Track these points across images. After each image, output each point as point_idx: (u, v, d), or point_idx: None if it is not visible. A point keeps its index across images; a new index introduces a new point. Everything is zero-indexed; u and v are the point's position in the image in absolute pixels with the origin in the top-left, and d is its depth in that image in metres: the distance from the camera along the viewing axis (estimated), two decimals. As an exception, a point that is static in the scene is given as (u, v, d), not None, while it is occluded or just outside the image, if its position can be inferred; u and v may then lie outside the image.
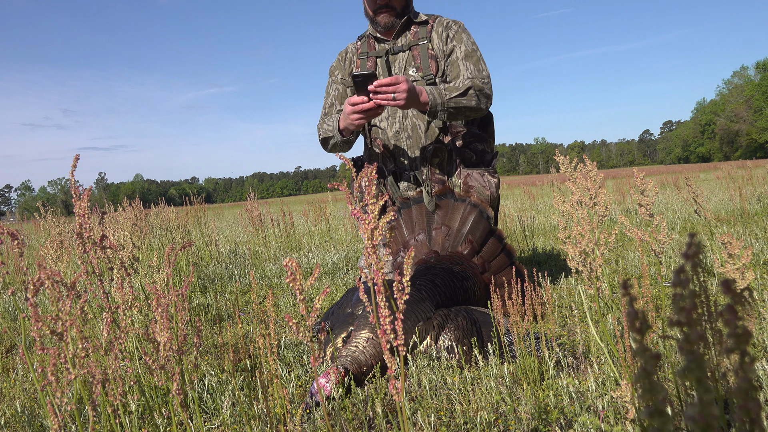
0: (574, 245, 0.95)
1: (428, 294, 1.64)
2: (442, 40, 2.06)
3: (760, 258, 2.33)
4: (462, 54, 2.02)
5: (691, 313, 0.20)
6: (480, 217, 1.96)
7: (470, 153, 2.07)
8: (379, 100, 1.74)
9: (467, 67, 2.01)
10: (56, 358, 0.57)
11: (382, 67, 2.12)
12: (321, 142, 2.16)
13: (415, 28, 2.09)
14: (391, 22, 2.05)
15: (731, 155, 72.83)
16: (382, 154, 2.16)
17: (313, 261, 3.52)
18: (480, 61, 2.03)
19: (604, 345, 1.24)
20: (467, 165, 2.08)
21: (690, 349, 0.19)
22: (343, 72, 2.21)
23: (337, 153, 1.55)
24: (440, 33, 2.07)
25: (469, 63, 2.01)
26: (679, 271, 0.21)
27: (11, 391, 1.60)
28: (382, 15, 2.04)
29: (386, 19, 2.04)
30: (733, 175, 6.59)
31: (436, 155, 2.07)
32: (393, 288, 0.55)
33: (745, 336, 0.19)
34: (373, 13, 2.06)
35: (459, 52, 2.03)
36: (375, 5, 2.04)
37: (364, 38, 2.19)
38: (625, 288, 0.21)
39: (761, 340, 1.34)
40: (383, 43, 2.13)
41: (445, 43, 2.05)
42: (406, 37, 2.11)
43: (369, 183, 0.54)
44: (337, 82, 2.23)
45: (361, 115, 1.79)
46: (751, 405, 0.18)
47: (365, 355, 1.38)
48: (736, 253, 0.87)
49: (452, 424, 1.12)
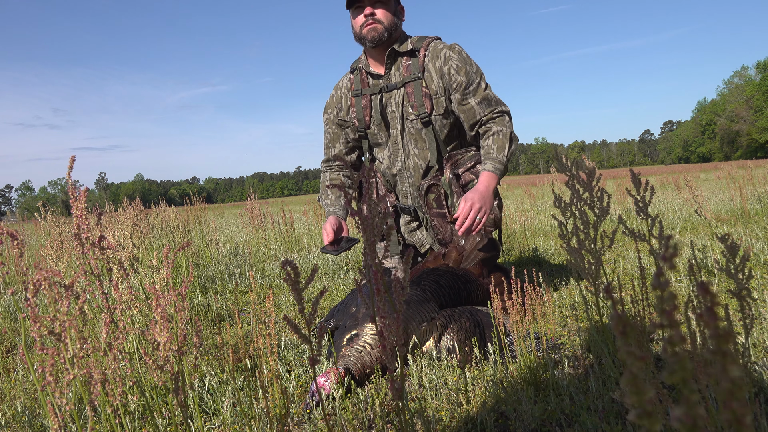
0: (574, 245, 0.95)
1: (432, 294, 1.65)
2: (443, 76, 1.99)
3: (761, 258, 2.32)
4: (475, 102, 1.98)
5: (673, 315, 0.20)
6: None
7: (471, 176, 2.06)
8: (470, 231, 1.82)
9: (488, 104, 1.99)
10: (55, 358, 0.57)
11: (375, 107, 2.07)
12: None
13: (406, 61, 2.02)
14: (378, 35, 1.98)
15: (732, 155, 72.82)
16: (384, 189, 2.18)
17: (313, 261, 3.52)
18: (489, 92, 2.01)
19: (604, 345, 1.24)
20: (468, 189, 2.07)
21: (673, 351, 0.19)
22: (336, 111, 2.19)
23: None
24: (438, 68, 1.99)
25: (483, 103, 1.99)
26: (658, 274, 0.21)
27: (11, 391, 1.61)
28: (368, 27, 1.97)
29: (373, 32, 1.97)
30: (733, 175, 6.59)
31: (431, 191, 2.07)
32: (392, 288, 0.55)
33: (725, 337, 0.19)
34: (360, 29, 2.00)
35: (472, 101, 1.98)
36: (361, 20, 1.98)
37: (357, 71, 2.13)
38: (608, 292, 0.21)
39: (761, 340, 1.33)
40: (377, 78, 2.08)
41: (448, 79, 1.98)
42: (399, 71, 2.04)
43: (367, 184, 0.54)
44: (331, 122, 2.21)
45: None
46: (735, 405, 0.18)
47: (371, 357, 1.38)
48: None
49: (452, 424, 1.12)
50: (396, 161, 2.11)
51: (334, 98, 2.19)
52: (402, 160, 2.10)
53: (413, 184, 2.11)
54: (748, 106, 70.18)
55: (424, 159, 2.07)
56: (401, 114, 2.04)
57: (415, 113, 2.01)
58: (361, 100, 2.09)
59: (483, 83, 2.00)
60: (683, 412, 0.19)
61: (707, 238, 3.02)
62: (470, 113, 1.99)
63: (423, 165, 2.07)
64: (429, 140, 2.04)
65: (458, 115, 2.03)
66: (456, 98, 1.99)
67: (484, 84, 2.00)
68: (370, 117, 2.09)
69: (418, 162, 2.07)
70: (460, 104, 1.99)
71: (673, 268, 0.21)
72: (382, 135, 2.10)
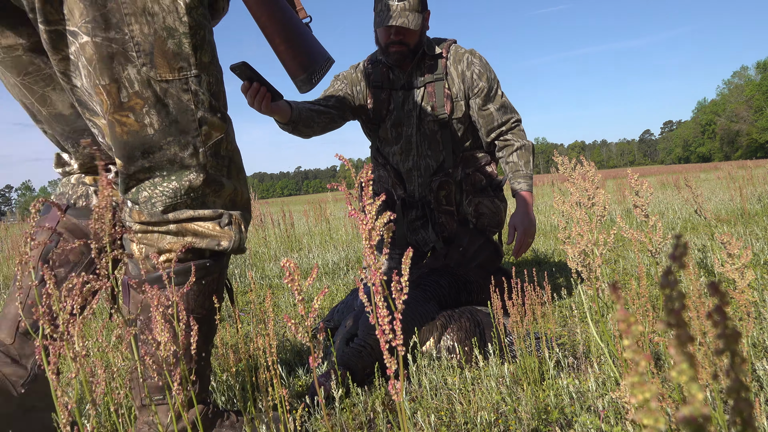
0: (574, 245, 0.95)
1: (432, 294, 1.65)
2: (465, 80, 1.99)
3: (761, 258, 2.33)
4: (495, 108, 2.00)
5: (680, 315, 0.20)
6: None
7: (480, 176, 2.08)
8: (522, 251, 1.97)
9: (505, 112, 2.01)
10: (56, 357, 0.57)
11: (396, 102, 2.04)
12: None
13: (429, 61, 2.00)
14: (403, 57, 1.94)
15: (732, 155, 72.82)
16: (391, 180, 2.15)
17: (313, 261, 3.52)
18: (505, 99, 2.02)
19: (604, 345, 1.24)
20: (477, 189, 2.08)
21: (681, 351, 0.19)
22: (350, 88, 2.07)
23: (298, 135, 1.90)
24: (460, 72, 1.99)
25: (501, 110, 2.00)
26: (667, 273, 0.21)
27: (11, 392, 1.60)
28: (393, 49, 1.92)
29: (397, 55, 1.93)
30: (733, 175, 6.59)
31: (443, 188, 2.06)
32: (392, 288, 0.55)
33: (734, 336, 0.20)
34: (385, 45, 1.94)
35: (492, 107, 1.99)
36: (387, 39, 1.92)
37: (377, 63, 2.07)
38: (614, 289, 0.21)
39: (761, 340, 1.34)
40: (398, 74, 2.04)
41: (470, 84, 1.98)
42: (421, 70, 2.01)
43: (366, 183, 0.54)
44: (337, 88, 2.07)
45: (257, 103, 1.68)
46: (742, 405, 0.19)
47: (371, 357, 1.38)
48: (736, 253, 0.87)
49: (452, 424, 1.12)
50: (408, 159, 2.10)
51: (352, 75, 2.10)
52: (414, 159, 2.08)
53: (423, 183, 2.10)
54: (748, 106, 70.20)
55: (437, 160, 2.06)
56: (418, 114, 2.03)
57: (433, 114, 2.00)
58: (380, 92, 2.05)
59: (500, 90, 2.02)
60: (689, 411, 0.19)
61: (707, 238, 3.02)
62: (489, 119, 2.00)
63: (434, 165, 2.07)
64: (444, 141, 2.04)
65: (476, 120, 2.03)
66: (477, 103, 1.99)
67: (500, 91, 2.02)
68: (387, 111, 2.06)
69: (430, 162, 2.07)
70: (480, 109, 2.00)
71: (684, 267, 0.21)
72: (395, 131, 2.08)
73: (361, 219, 0.54)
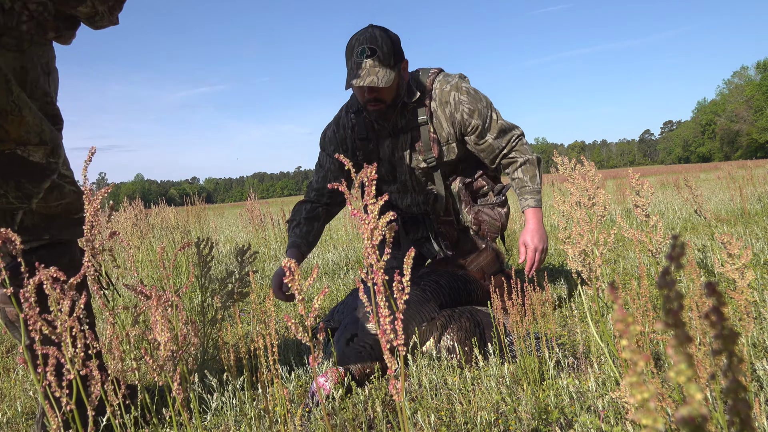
0: (574, 245, 0.95)
1: (433, 294, 1.65)
2: (455, 123, 1.91)
3: (761, 258, 2.33)
4: (492, 137, 1.94)
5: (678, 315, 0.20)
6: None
7: (482, 183, 2.06)
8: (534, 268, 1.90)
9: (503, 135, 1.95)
10: (55, 358, 0.57)
11: (384, 152, 2.00)
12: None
13: (412, 105, 1.92)
14: (382, 113, 1.88)
15: (732, 155, 72.78)
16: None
17: (313, 261, 3.52)
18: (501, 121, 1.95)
19: (604, 345, 1.24)
20: (477, 197, 2.07)
21: (679, 351, 0.19)
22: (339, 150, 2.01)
23: None
24: (448, 115, 1.91)
25: (500, 136, 1.94)
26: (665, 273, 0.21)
27: (11, 391, 1.61)
28: (371, 107, 1.85)
29: (376, 112, 1.87)
30: (733, 175, 6.59)
31: (437, 200, 2.06)
32: (393, 288, 0.55)
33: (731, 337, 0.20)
34: (363, 102, 1.87)
35: (489, 137, 1.93)
36: (362, 97, 1.84)
37: (359, 112, 1.98)
38: (612, 290, 0.21)
39: (761, 340, 1.34)
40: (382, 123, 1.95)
41: (461, 125, 1.91)
42: (405, 117, 1.94)
43: (368, 183, 0.54)
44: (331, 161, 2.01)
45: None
46: (740, 405, 0.19)
47: (371, 357, 1.38)
48: (736, 253, 0.87)
49: (452, 424, 1.13)
50: (406, 196, 2.10)
51: (336, 136, 2.03)
52: (412, 196, 2.09)
53: (419, 213, 2.12)
54: (748, 106, 70.18)
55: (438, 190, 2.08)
56: (408, 160, 1.99)
57: (422, 158, 1.97)
58: (367, 144, 2.00)
59: (494, 114, 1.94)
60: (687, 411, 0.19)
61: (707, 238, 3.02)
62: (489, 149, 1.96)
63: (432, 195, 2.08)
64: (438, 181, 2.02)
65: (476, 152, 1.99)
66: (472, 140, 1.95)
67: (495, 115, 1.94)
68: (378, 160, 2.02)
69: (428, 196, 2.09)
70: (477, 144, 1.95)
71: (681, 267, 0.21)
72: (389, 176, 2.07)
73: (363, 218, 0.54)
